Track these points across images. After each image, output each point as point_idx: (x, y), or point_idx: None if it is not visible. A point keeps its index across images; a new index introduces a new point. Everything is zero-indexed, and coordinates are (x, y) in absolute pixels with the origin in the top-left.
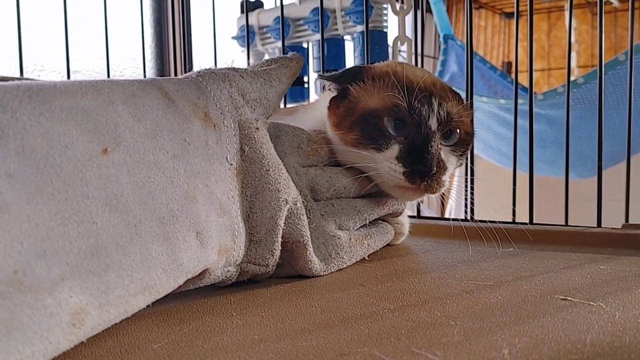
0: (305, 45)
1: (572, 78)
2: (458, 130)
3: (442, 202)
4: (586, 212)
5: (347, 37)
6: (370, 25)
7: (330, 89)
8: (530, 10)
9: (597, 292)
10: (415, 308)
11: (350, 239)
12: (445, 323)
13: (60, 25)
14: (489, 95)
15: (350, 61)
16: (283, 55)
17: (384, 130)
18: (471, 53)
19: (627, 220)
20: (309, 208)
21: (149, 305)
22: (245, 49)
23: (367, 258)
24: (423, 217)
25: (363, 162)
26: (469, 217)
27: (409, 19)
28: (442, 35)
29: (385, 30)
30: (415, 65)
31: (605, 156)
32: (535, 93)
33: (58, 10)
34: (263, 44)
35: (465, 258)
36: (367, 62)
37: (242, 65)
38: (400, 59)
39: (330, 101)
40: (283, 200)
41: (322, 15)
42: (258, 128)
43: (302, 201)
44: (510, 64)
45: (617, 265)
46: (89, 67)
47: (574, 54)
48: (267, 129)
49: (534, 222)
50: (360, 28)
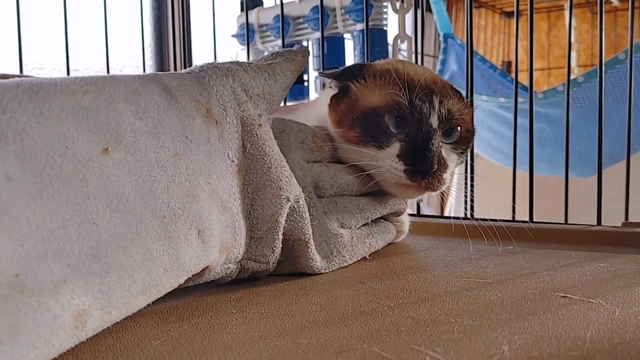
0: (305, 43)
1: (572, 77)
2: (459, 128)
3: (442, 200)
4: (586, 211)
5: (347, 35)
6: (370, 23)
7: (331, 87)
8: (531, 10)
9: (597, 289)
10: (415, 305)
11: (352, 237)
12: (445, 320)
13: (60, 23)
14: (489, 94)
15: (350, 59)
16: (289, 49)
17: (385, 128)
18: (471, 52)
19: (626, 218)
20: (312, 205)
21: (149, 303)
22: (245, 47)
23: (368, 257)
24: (423, 215)
25: (364, 160)
26: (469, 215)
27: (408, 17)
28: (442, 34)
29: (385, 28)
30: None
31: (605, 155)
32: (535, 92)
33: (58, 8)
34: (263, 42)
35: (465, 256)
36: (367, 61)
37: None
38: (400, 58)
39: (331, 99)
40: (284, 197)
41: (322, 14)
42: (261, 124)
43: (305, 198)
44: (510, 63)
45: (616, 263)
46: (88, 66)
47: (573, 54)
48: (271, 124)
49: (534, 220)
50: (360, 26)
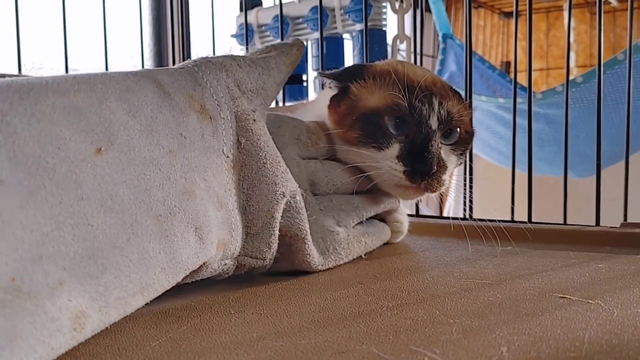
0: (304, 43)
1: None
2: (458, 129)
3: (441, 201)
4: (585, 211)
5: (346, 35)
6: (369, 23)
7: (330, 87)
8: (529, 10)
9: (595, 290)
10: (414, 306)
11: (348, 235)
12: (444, 321)
13: (59, 23)
14: (488, 95)
15: (350, 60)
16: (283, 42)
17: (385, 129)
18: (470, 52)
19: (625, 219)
20: (308, 201)
21: (147, 303)
22: (244, 47)
23: (364, 256)
24: (422, 216)
25: (364, 161)
26: (467, 216)
27: (408, 17)
28: (441, 35)
29: (384, 28)
30: (414, 64)
31: (604, 155)
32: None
33: (57, 8)
34: (262, 42)
35: (464, 256)
36: (366, 61)
37: None
38: (399, 58)
39: (331, 99)
40: (280, 193)
41: (321, 14)
42: (255, 120)
43: (302, 194)
44: (509, 63)
45: (615, 263)
46: (87, 66)
47: (572, 54)
48: (267, 120)
49: (533, 221)
50: (360, 26)
